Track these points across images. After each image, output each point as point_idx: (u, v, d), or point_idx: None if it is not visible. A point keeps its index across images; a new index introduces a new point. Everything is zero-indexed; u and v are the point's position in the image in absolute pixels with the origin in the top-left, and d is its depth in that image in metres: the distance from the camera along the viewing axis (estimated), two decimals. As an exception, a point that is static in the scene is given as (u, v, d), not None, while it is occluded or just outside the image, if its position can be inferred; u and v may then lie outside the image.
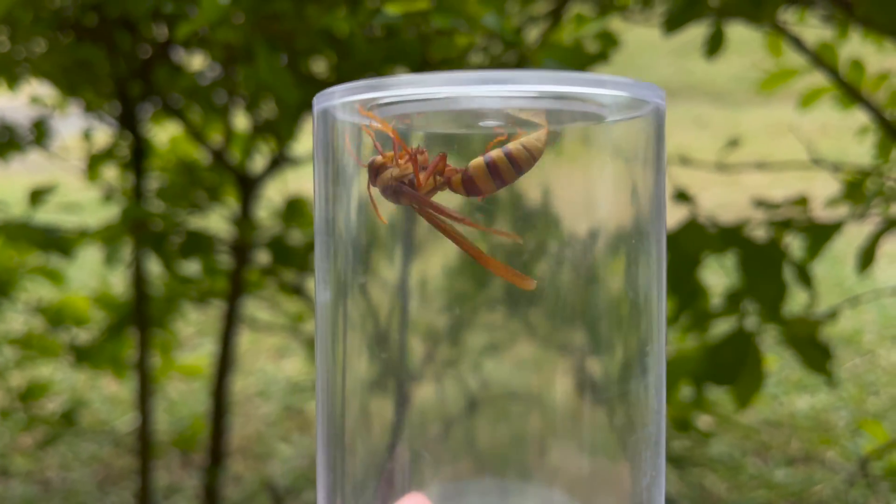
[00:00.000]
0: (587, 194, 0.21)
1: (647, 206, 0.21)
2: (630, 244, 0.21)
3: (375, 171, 0.21)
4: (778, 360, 1.47)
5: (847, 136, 1.05)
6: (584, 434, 0.21)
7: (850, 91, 0.70)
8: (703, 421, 1.27)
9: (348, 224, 0.21)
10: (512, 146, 0.20)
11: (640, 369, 0.21)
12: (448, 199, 0.21)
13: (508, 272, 0.21)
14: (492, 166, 0.20)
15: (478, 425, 0.22)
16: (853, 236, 0.85)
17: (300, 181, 1.49)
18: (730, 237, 0.56)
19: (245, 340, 1.64)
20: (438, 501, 0.21)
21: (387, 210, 0.21)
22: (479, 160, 0.20)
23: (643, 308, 0.21)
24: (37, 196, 0.85)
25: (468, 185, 0.21)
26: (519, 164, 0.20)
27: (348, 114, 0.21)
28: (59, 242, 0.73)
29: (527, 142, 0.20)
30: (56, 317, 0.99)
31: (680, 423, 0.95)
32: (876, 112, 0.69)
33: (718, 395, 1.08)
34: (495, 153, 0.20)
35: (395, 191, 0.21)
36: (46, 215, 0.90)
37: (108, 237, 0.70)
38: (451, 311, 0.22)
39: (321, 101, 0.21)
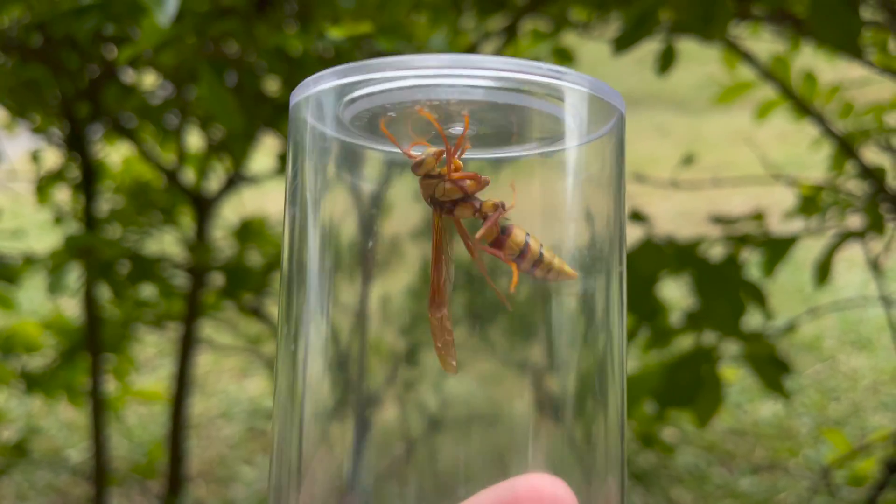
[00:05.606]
0: (558, 210, 0.21)
1: (610, 223, 0.21)
2: (595, 258, 0.21)
3: (427, 172, 0.21)
4: (740, 370, 1.48)
5: (805, 143, 1.06)
6: (549, 456, 0.20)
7: (801, 105, 0.71)
8: (668, 433, 1.27)
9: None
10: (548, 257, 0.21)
11: (600, 390, 0.21)
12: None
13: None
14: (535, 262, 0.21)
15: (440, 448, 0.21)
16: (813, 243, 0.86)
17: (258, 200, 1.47)
18: (685, 258, 0.55)
19: (207, 360, 1.61)
20: None
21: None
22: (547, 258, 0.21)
23: (604, 327, 0.21)
24: (-18, 221, 0.82)
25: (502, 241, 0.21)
26: (546, 269, 0.21)
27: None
28: (4, 271, 0.71)
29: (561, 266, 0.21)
30: (6, 344, 0.96)
31: (645, 438, 0.95)
32: (825, 126, 0.70)
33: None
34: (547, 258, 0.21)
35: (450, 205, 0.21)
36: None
37: (54, 265, 0.68)
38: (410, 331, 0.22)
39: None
